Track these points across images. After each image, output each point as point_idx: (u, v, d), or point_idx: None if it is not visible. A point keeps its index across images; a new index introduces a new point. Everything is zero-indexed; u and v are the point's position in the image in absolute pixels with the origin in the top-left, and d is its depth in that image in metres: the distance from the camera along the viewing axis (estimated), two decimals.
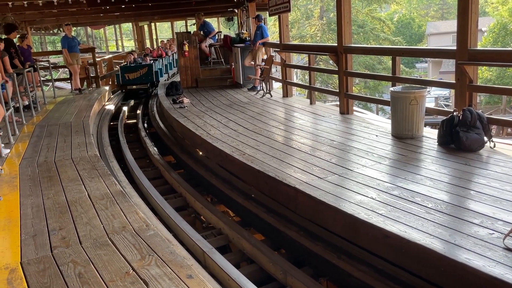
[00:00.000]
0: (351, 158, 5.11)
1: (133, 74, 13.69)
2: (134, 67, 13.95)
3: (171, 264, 2.91)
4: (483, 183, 4.03)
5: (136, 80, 13.76)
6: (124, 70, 13.95)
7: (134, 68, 13.86)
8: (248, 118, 7.53)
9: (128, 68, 14.03)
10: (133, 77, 13.69)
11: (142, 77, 13.75)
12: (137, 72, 13.70)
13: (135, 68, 13.88)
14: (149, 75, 13.81)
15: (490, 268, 2.72)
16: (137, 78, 13.76)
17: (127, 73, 13.75)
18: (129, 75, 13.70)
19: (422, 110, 5.58)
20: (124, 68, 14.07)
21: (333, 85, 26.32)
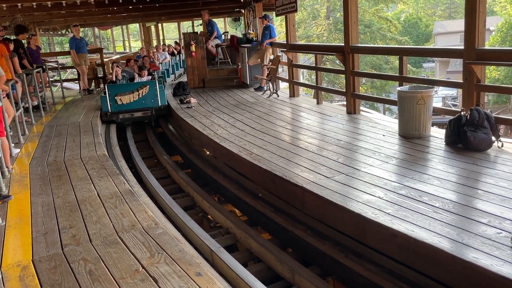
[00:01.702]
0: (358, 158, 5.12)
1: (128, 96, 9.05)
2: (129, 85, 9.48)
3: (180, 262, 2.95)
4: (490, 182, 4.03)
5: (133, 106, 9.14)
6: (113, 90, 9.04)
7: (128, 87, 9.26)
8: (255, 118, 7.56)
9: (120, 87, 9.32)
10: (127, 100, 9.03)
11: (142, 101, 9.14)
12: (133, 94, 9.09)
13: (130, 87, 9.28)
14: (151, 97, 9.21)
15: (498, 267, 2.73)
16: (134, 102, 9.12)
17: (119, 94, 9.02)
18: (121, 97, 8.99)
19: (430, 109, 5.57)
20: (113, 88, 9.15)
21: (340, 85, 26.28)
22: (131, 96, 9.01)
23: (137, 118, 9.21)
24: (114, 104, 8.92)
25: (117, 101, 8.91)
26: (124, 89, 9.14)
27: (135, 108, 9.08)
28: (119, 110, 8.98)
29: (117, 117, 8.97)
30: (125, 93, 9.00)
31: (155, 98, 9.18)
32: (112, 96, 8.90)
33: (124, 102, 8.95)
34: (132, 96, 9.01)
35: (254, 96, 9.82)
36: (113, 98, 8.89)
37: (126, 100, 8.96)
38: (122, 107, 8.99)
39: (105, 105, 8.92)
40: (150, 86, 9.16)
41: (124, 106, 9.00)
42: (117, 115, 8.95)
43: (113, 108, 8.92)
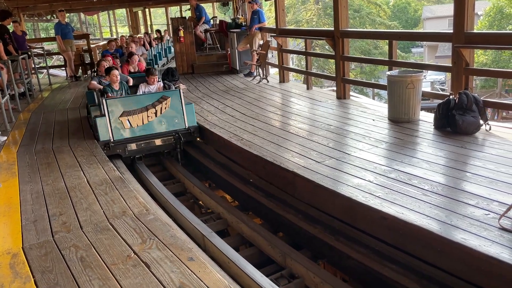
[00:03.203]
0: (348, 142, 5.14)
1: (140, 115, 5.91)
2: (139, 98, 6.03)
3: (172, 247, 2.95)
4: (478, 165, 4.08)
5: (148, 130, 6.00)
6: (115, 107, 5.81)
7: (139, 102, 5.96)
8: (245, 104, 7.53)
9: (126, 101, 5.93)
10: (139, 122, 5.91)
11: (161, 122, 6.07)
12: (147, 111, 5.95)
13: (143, 101, 5.97)
14: (175, 115, 6.15)
15: (485, 247, 2.78)
16: (149, 124, 6.00)
17: (126, 113, 5.85)
18: (129, 118, 5.87)
19: (419, 94, 5.60)
20: (115, 103, 5.85)
21: (330, 70, 26.26)
22: (144, 115, 5.82)
23: (155, 148, 6.04)
24: (118, 129, 5.71)
25: (123, 124, 5.70)
26: (132, 104, 5.80)
27: (150, 134, 5.91)
28: (127, 138, 5.76)
29: (124, 149, 5.75)
30: (135, 110, 5.78)
31: (181, 117, 6.03)
32: (114, 117, 5.67)
33: (134, 125, 5.75)
34: (147, 115, 5.81)
35: (244, 82, 9.77)
36: (117, 120, 5.70)
37: (137, 121, 5.77)
38: (131, 133, 5.82)
39: (103, 130, 5.61)
40: (173, 99, 5.98)
41: (134, 131, 5.83)
42: (123, 146, 5.67)
43: (117, 135, 5.67)
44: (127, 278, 2.62)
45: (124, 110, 5.76)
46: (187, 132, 6.16)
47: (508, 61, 21.51)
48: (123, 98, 6.00)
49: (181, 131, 6.11)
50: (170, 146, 6.17)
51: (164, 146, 6.16)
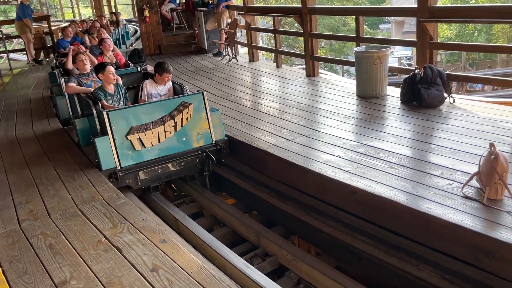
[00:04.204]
0: (318, 119, 5.19)
1: (155, 131, 4.27)
2: (151, 107, 4.34)
3: (144, 231, 2.93)
4: (443, 137, 4.20)
5: (165, 150, 4.39)
6: (119, 121, 4.14)
7: (151, 111, 4.31)
8: (215, 84, 7.45)
9: (135, 112, 4.23)
10: (154, 141, 4.28)
11: (181, 137, 4.45)
12: (164, 124, 4.30)
13: (156, 110, 4.33)
14: (200, 127, 4.56)
15: (450, 215, 2.89)
16: (167, 142, 4.38)
17: (135, 129, 4.18)
18: (141, 135, 4.19)
19: (386, 69, 5.68)
20: (120, 116, 4.15)
21: (299, 48, 26.19)
22: (160, 130, 4.27)
23: (175, 173, 4.45)
24: (126, 152, 4.16)
25: (133, 144, 4.16)
26: (143, 116, 4.23)
27: (169, 155, 4.37)
28: (139, 163, 4.24)
29: (136, 179, 4.19)
30: (148, 125, 4.22)
31: (206, 129, 4.57)
32: (120, 135, 4.11)
33: (148, 144, 4.22)
34: (163, 130, 4.28)
35: (213, 62, 9.64)
36: (124, 139, 4.13)
37: (151, 140, 4.23)
38: (144, 155, 4.26)
39: (106, 155, 4.08)
40: (196, 105, 4.46)
41: (148, 153, 4.27)
42: (134, 174, 4.17)
43: (125, 160, 4.16)
44: (98, 263, 2.59)
45: (133, 125, 4.10)
46: (216, 148, 4.54)
47: (472, 35, 22.02)
48: (131, 109, 4.19)
49: (208, 147, 4.52)
50: (194, 168, 4.53)
51: (186, 169, 4.47)
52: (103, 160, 4.04)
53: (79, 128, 4.67)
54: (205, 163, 4.53)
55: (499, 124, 4.42)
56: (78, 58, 5.30)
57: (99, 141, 4.05)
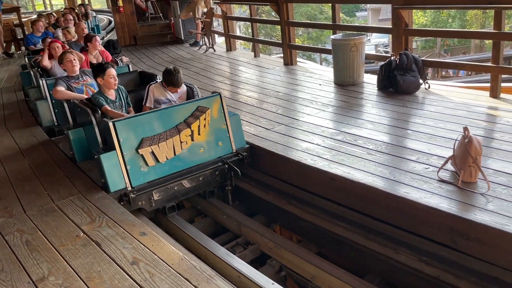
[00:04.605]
0: (297, 108, 5.20)
1: (169, 142, 3.62)
2: (162, 114, 3.66)
3: (123, 224, 2.90)
4: (419, 122, 4.27)
5: (182, 163, 3.75)
6: (125, 131, 3.45)
7: (164, 119, 3.64)
8: (193, 74, 7.38)
9: (146, 121, 3.58)
10: (169, 154, 3.64)
11: (198, 148, 3.81)
12: (179, 134, 3.67)
13: (169, 117, 3.67)
14: (217, 135, 3.93)
15: (426, 199, 2.95)
16: (183, 154, 3.73)
17: (147, 141, 3.51)
18: (154, 148, 3.52)
19: (362, 56, 5.72)
20: (128, 126, 3.47)
21: (277, 37, 26.13)
22: (176, 140, 3.66)
23: (194, 189, 3.88)
24: (137, 168, 3.51)
25: (146, 159, 3.53)
26: (155, 125, 3.60)
27: (185, 169, 3.76)
28: (153, 180, 3.59)
29: (149, 200, 3.58)
30: (162, 135, 3.59)
31: (226, 136, 3.98)
32: (129, 149, 3.46)
33: (162, 159, 3.60)
34: (179, 140, 3.67)
35: (190, 52, 9.54)
36: (134, 154, 3.49)
37: (166, 152, 3.61)
38: (157, 171, 3.62)
39: (115, 174, 3.42)
40: (213, 110, 3.89)
41: (162, 168, 3.63)
42: (148, 194, 3.56)
43: (136, 178, 3.51)
44: (77, 258, 2.55)
45: (145, 136, 3.48)
46: (238, 158, 3.97)
47: (446, 22, 22.36)
48: (141, 117, 3.55)
49: (228, 157, 3.94)
50: (213, 182, 3.93)
51: (205, 184, 3.88)
52: (111, 181, 3.36)
53: (74, 140, 3.98)
54: (227, 176, 3.95)
55: (472, 108, 4.52)
56: (66, 58, 4.48)
57: (105, 158, 3.33)
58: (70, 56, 4.51)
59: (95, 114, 3.76)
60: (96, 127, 3.71)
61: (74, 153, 4.03)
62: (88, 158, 3.92)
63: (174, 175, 3.66)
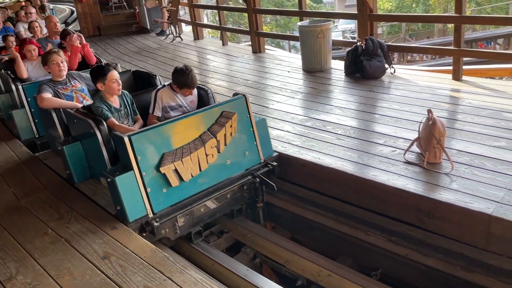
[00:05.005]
0: (266, 96, 5.21)
1: (194, 156, 3.02)
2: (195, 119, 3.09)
3: (93, 219, 2.85)
4: (385, 106, 4.36)
5: (209, 180, 3.17)
6: (143, 145, 2.84)
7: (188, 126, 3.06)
8: (160, 64, 7.25)
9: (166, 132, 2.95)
10: (195, 170, 3.04)
11: (225, 159, 3.23)
12: (204, 146, 3.07)
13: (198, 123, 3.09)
14: (243, 144, 3.36)
15: (393, 181, 3.02)
16: (210, 169, 3.14)
17: (169, 156, 2.92)
18: (177, 164, 2.94)
19: (329, 43, 5.76)
20: (145, 139, 2.86)
21: (245, 25, 25.96)
22: (201, 153, 3.08)
23: (222, 209, 3.32)
24: (158, 189, 2.92)
25: (169, 179, 2.93)
26: (176, 137, 3.00)
27: (211, 186, 3.19)
28: (177, 203, 3.01)
29: (173, 227, 2.99)
30: (185, 148, 3.00)
31: (251, 145, 3.43)
32: (149, 169, 2.86)
33: (187, 177, 3.01)
34: (204, 153, 3.10)
35: (156, 41, 9.36)
36: (155, 174, 2.89)
37: (190, 169, 3.03)
38: (181, 192, 3.04)
39: (133, 200, 2.81)
40: (239, 114, 3.32)
41: (186, 188, 3.05)
42: (172, 221, 2.97)
43: (158, 202, 2.92)
44: (46, 256, 2.49)
45: (166, 151, 2.90)
46: (268, 169, 3.44)
47: (410, 7, 22.77)
48: (159, 128, 2.95)
49: (257, 169, 3.40)
50: (241, 199, 3.40)
51: (233, 202, 3.35)
52: (129, 208, 2.75)
53: (71, 157, 3.33)
54: (258, 191, 3.42)
55: (436, 91, 4.65)
56: (52, 60, 3.79)
57: (122, 180, 2.72)
58: (57, 58, 3.81)
59: (99, 126, 3.09)
60: (102, 142, 3.09)
61: (72, 173, 3.34)
62: (91, 177, 3.41)
63: (200, 195, 3.09)
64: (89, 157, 3.37)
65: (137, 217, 2.80)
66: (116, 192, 2.74)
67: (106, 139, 3.10)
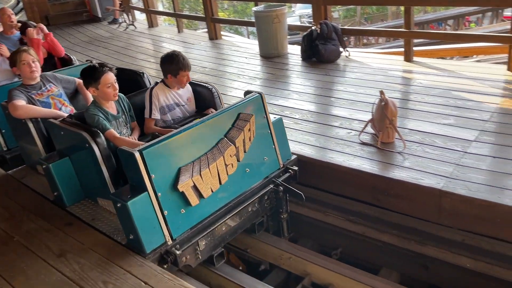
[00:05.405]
0: (224, 83, 5.17)
1: (213, 168, 2.58)
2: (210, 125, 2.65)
3: (46, 216, 2.75)
4: (341, 89, 4.44)
5: (230, 193, 2.75)
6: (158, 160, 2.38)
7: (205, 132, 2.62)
8: (113, 54, 7.03)
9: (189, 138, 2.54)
10: (214, 184, 2.60)
11: (244, 168, 2.80)
12: (223, 155, 2.63)
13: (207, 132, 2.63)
14: (262, 148, 2.94)
15: (349, 161, 3.10)
16: (232, 179, 2.71)
17: (188, 172, 2.46)
18: (196, 179, 2.48)
19: (285, 27, 5.77)
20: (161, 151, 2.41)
21: (202, 11, 25.55)
22: (220, 164, 2.62)
23: (243, 224, 2.89)
24: (176, 211, 2.46)
25: (188, 198, 2.47)
26: (191, 147, 2.54)
27: (232, 201, 2.76)
28: (197, 224, 2.57)
29: (195, 252, 2.56)
30: (201, 160, 2.54)
31: (269, 148, 3.01)
32: (165, 188, 2.41)
33: (207, 193, 2.56)
34: (224, 164, 2.65)
35: (109, 30, 9.05)
36: (173, 193, 2.43)
37: (210, 184, 2.58)
38: (201, 210, 2.59)
39: (150, 226, 2.36)
40: (256, 116, 2.86)
41: (206, 206, 2.61)
42: (194, 245, 2.54)
43: (176, 226, 2.47)
44: None
45: (181, 165, 2.45)
46: (289, 175, 3.06)
47: None
48: (173, 139, 2.48)
49: (277, 175, 3.03)
50: (262, 211, 3.00)
51: (254, 216, 2.95)
52: (145, 237, 2.32)
53: (59, 176, 2.81)
54: (281, 200, 3.03)
55: (389, 73, 4.77)
56: (22, 59, 3.20)
57: (134, 204, 2.27)
58: (28, 57, 3.23)
59: (96, 139, 2.59)
60: (101, 159, 2.61)
61: (61, 194, 2.83)
62: (85, 197, 2.93)
63: (220, 212, 2.67)
64: (82, 175, 2.87)
65: (155, 246, 2.36)
66: (129, 219, 2.28)
67: (106, 154, 2.61)
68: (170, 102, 3.12)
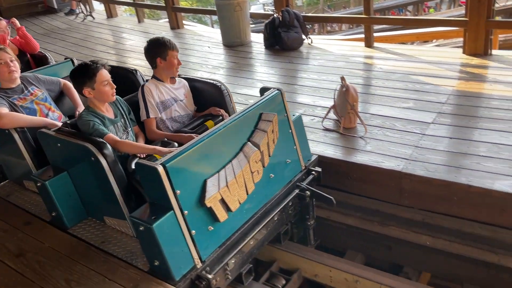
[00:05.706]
0: (188, 72, 5.09)
1: (240, 173, 2.30)
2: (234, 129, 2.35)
3: (4, 216, 2.65)
4: (304, 76, 4.47)
5: (256, 204, 2.48)
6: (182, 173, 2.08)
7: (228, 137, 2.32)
8: (71, 46, 6.79)
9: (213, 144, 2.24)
10: (241, 195, 2.32)
11: (269, 173, 2.53)
12: (249, 162, 2.35)
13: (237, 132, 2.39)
14: (284, 151, 2.69)
15: (313, 148, 3.12)
16: (259, 189, 2.45)
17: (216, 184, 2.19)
18: (223, 192, 2.21)
19: (247, 16, 5.73)
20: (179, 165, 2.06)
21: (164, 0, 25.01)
22: (246, 173, 2.35)
23: (269, 235, 2.63)
24: (204, 229, 2.19)
25: (217, 214, 2.20)
26: (215, 155, 2.25)
27: (259, 211, 2.50)
28: (226, 240, 2.31)
29: (225, 273, 2.31)
30: (227, 169, 2.25)
31: (291, 149, 2.77)
32: (190, 202, 2.11)
33: (235, 206, 2.29)
34: (249, 171, 2.37)
35: (66, 22, 8.71)
36: (197, 207, 2.14)
37: (238, 195, 2.30)
38: (228, 226, 2.31)
39: (177, 249, 2.08)
40: (278, 114, 2.60)
41: (233, 219, 2.33)
42: (224, 267, 2.29)
43: (205, 247, 2.20)
44: None
45: (207, 177, 2.17)
46: (314, 176, 2.86)
47: None
48: (197, 146, 2.17)
49: (300, 178, 2.81)
50: (287, 219, 2.76)
51: (279, 225, 2.71)
52: (173, 262, 2.05)
53: (58, 195, 2.46)
54: (308, 206, 2.80)
55: (351, 59, 4.84)
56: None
57: (159, 227, 1.97)
58: (5, 56, 2.80)
59: (103, 151, 2.25)
60: (111, 174, 2.27)
61: (61, 215, 2.48)
62: (85, 217, 2.58)
63: (248, 226, 2.40)
64: (85, 191, 2.52)
65: (184, 271, 2.08)
66: (155, 244, 1.98)
67: (115, 167, 2.27)
68: (166, 97, 2.82)
